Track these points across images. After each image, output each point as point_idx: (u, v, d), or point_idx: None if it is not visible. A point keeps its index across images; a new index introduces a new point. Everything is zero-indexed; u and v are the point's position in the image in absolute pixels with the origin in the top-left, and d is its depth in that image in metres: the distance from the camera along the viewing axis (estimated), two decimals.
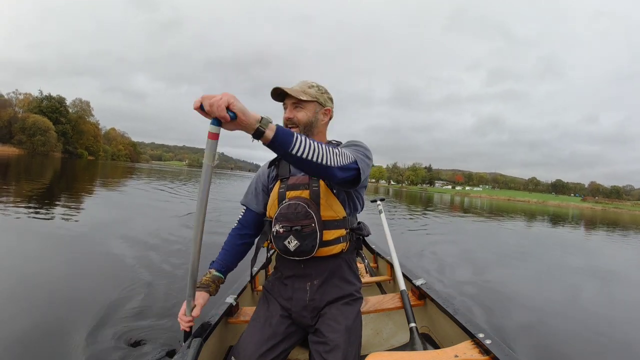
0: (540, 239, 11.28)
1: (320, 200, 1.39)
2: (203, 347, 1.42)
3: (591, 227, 18.48)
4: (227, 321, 1.76)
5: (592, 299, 4.46)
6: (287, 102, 1.47)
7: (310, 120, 1.47)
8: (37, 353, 2.16)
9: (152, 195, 13.16)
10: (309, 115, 1.47)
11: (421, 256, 6.04)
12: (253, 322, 1.47)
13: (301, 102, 1.44)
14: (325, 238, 1.38)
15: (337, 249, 1.42)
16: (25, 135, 66.76)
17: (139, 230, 5.94)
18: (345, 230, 1.44)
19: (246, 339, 1.39)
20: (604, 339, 3.11)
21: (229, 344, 1.77)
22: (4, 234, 5.04)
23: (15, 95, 79.18)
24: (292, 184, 1.45)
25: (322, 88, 1.52)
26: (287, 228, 1.35)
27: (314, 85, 1.50)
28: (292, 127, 1.45)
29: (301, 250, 1.35)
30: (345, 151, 1.23)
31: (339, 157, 1.18)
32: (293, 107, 1.45)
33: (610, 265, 7.21)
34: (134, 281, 3.42)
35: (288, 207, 1.37)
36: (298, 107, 1.45)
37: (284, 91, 1.42)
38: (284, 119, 1.47)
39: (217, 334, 1.62)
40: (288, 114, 1.46)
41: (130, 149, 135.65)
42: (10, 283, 3.21)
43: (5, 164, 24.50)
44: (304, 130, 1.47)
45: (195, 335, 1.45)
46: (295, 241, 1.34)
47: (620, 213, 68.43)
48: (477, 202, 51.96)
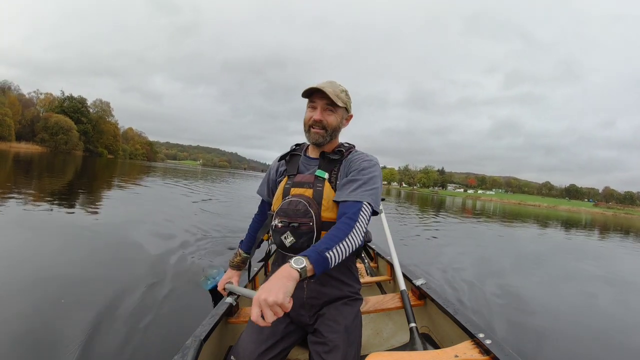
0: (545, 242, 11.34)
1: (322, 201, 1.38)
2: (203, 347, 1.43)
3: (598, 232, 18.72)
4: (227, 321, 1.78)
5: (600, 304, 4.52)
6: (318, 103, 1.43)
7: (338, 125, 1.48)
8: (40, 344, 2.23)
9: (173, 189, 15.11)
10: (338, 120, 1.46)
11: (427, 254, 6.35)
12: (252, 322, 1.47)
13: (334, 105, 1.42)
14: None
15: None
16: (48, 133, 69.12)
17: (157, 224, 6.38)
18: None
19: (245, 338, 1.39)
20: (618, 344, 3.19)
21: (229, 343, 1.77)
22: (36, 229, 5.18)
23: (36, 94, 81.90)
24: (297, 182, 1.46)
25: (349, 93, 1.51)
26: (285, 223, 1.36)
27: (344, 90, 1.48)
28: (318, 130, 1.44)
29: (296, 248, 1.34)
30: (364, 209, 1.30)
31: (360, 228, 1.25)
32: (324, 109, 1.43)
33: (613, 269, 7.33)
34: (138, 279, 3.49)
35: (289, 203, 1.38)
36: (330, 110, 1.43)
37: (322, 91, 1.39)
38: (312, 120, 1.43)
39: (217, 334, 1.63)
40: (319, 115, 1.42)
41: (147, 148, 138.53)
42: (27, 276, 3.31)
43: (29, 161, 25.69)
44: (331, 134, 1.46)
45: (195, 335, 1.46)
46: (291, 237, 1.35)
47: (630, 219, 68.06)
48: (486, 205, 52.06)
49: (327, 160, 1.48)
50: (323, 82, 1.45)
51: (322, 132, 1.44)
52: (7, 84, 69.87)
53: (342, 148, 1.51)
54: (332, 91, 1.40)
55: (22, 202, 7.15)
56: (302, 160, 1.56)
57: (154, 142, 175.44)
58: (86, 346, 2.23)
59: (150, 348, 2.32)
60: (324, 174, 1.44)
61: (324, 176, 1.43)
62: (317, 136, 1.44)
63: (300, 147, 1.65)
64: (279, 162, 1.66)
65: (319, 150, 1.52)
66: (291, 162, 1.57)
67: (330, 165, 1.47)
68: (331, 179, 1.44)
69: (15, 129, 62.95)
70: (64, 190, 10.57)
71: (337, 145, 1.55)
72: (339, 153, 1.49)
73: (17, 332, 2.34)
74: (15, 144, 61.48)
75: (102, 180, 17.00)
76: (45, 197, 8.35)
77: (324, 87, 1.38)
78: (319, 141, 1.46)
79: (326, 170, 1.45)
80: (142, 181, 18.60)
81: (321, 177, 1.43)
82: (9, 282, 3.12)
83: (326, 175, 1.44)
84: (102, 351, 2.21)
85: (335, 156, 1.47)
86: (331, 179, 1.44)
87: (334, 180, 1.44)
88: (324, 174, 1.44)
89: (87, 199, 9.30)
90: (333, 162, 1.48)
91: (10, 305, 2.70)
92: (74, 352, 2.16)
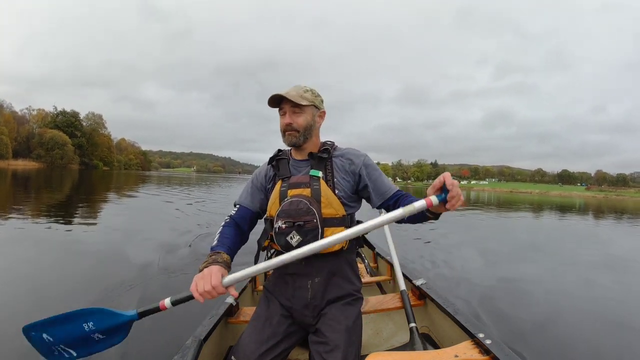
0: (535, 228, 11.83)
1: (321, 198, 1.40)
2: (203, 347, 1.43)
3: (588, 214, 19.54)
4: (227, 321, 1.78)
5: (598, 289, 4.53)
6: (285, 108, 1.47)
7: (310, 124, 1.49)
8: None
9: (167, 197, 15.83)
10: (308, 119, 1.48)
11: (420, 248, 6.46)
12: (253, 322, 1.46)
13: (300, 106, 1.45)
14: (326, 235, 1.36)
15: (338, 246, 1.42)
16: (44, 149, 70.07)
17: (156, 228, 6.65)
18: (345, 227, 1.42)
19: (246, 338, 1.39)
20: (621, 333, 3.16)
21: (229, 344, 1.77)
22: (35, 242, 5.28)
23: (28, 111, 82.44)
24: (293, 183, 1.47)
25: (315, 91, 1.53)
26: (289, 224, 1.37)
27: (308, 90, 1.50)
28: (292, 132, 1.47)
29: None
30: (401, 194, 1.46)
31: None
32: (292, 113, 1.46)
33: (603, 249, 7.64)
34: (138, 279, 3.56)
35: (290, 203, 1.39)
36: (297, 112, 1.46)
37: (283, 97, 1.43)
38: (284, 125, 1.47)
39: (217, 334, 1.63)
40: (287, 119, 1.45)
41: (141, 157, 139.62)
42: (27, 287, 3.36)
43: (27, 178, 26.31)
44: (304, 134, 1.49)
45: (195, 335, 1.46)
46: (298, 236, 1.35)
47: (622, 200, 69.39)
48: (479, 195, 52.07)
49: (317, 160, 1.50)
50: (288, 88, 1.49)
51: (295, 134, 1.47)
52: (0, 102, 70.29)
53: (327, 147, 1.56)
54: (295, 94, 1.44)
55: (23, 219, 7.37)
56: (291, 163, 1.57)
57: (147, 151, 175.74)
58: None
59: (150, 348, 2.33)
60: (319, 173, 1.46)
61: (319, 175, 1.46)
62: (290, 137, 1.48)
63: (283, 152, 1.66)
64: (266, 168, 1.65)
65: (303, 152, 1.55)
66: (280, 167, 1.57)
67: (322, 164, 1.50)
68: (327, 177, 1.47)
69: (11, 147, 63.72)
70: (63, 204, 11.09)
71: (322, 144, 1.58)
72: (325, 152, 1.53)
73: (17, 335, 2.27)
74: (13, 161, 62.40)
75: (101, 192, 17.77)
76: (46, 213, 8.67)
77: (284, 93, 1.43)
78: (293, 142, 1.49)
79: (319, 169, 1.48)
80: (140, 190, 19.49)
81: (316, 176, 1.45)
82: (9, 295, 3.17)
83: (320, 173, 1.46)
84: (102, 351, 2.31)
85: (324, 154, 1.51)
86: (327, 177, 1.47)
87: (330, 177, 1.47)
88: (318, 172, 1.46)
89: (87, 210, 9.88)
90: (323, 160, 1.51)
91: (10, 312, 2.75)
92: None
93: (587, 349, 2.77)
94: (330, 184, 1.46)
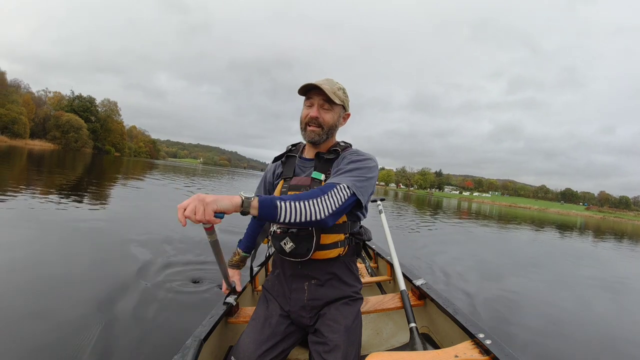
0: (516, 242, 11.80)
1: None
2: (203, 347, 1.43)
3: (572, 231, 19.73)
4: (227, 321, 1.78)
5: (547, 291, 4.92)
6: (314, 100, 1.41)
7: (335, 123, 1.45)
8: (39, 344, 2.23)
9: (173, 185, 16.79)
10: (335, 118, 1.44)
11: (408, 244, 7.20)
12: (253, 322, 1.46)
13: (331, 103, 1.40)
14: (323, 242, 1.35)
15: (335, 253, 1.40)
16: (60, 131, 71.99)
17: (160, 222, 6.58)
18: (344, 234, 1.41)
19: (246, 338, 1.38)
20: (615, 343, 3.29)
21: (229, 344, 1.77)
22: (52, 226, 5.29)
23: (45, 93, 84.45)
24: (294, 185, 1.43)
25: (346, 91, 1.48)
26: (283, 229, 1.34)
27: (341, 88, 1.45)
28: (315, 128, 1.42)
29: (296, 253, 1.34)
30: (339, 188, 1.24)
31: (329, 202, 1.19)
32: (321, 107, 1.41)
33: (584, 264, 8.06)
34: (138, 277, 3.52)
35: None
36: (326, 108, 1.41)
37: (318, 87, 1.37)
38: (308, 117, 1.41)
39: (217, 334, 1.64)
40: (315, 112, 1.40)
41: (150, 146, 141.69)
42: (30, 274, 3.33)
43: (45, 157, 27.09)
44: (327, 132, 1.44)
45: (195, 335, 1.46)
46: (291, 243, 1.32)
47: (619, 222, 68.39)
48: (477, 207, 52.68)
49: (322, 161, 1.46)
50: (321, 80, 1.41)
51: (318, 130, 1.42)
52: (17, 82, 72.08)
53: (337, 147, 1.49)
54: (329, 88, 1.38)
55: (41, 198, 7.54)
56: (297, 162, 1.53)
57: (155, 140, 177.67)
58: (86, 346, 2.25)
59: (150, 348, 2.32)
60: (321, 176, 1.41)
61: (321, 178, 1.40)
62: (313, 134, 1.42)
63: (296, 147, 1.62)
64: (275, 164, 1.63)
65: (314, 150, 1.50)
66: (287, 164, 1.54)
67: (326, 166, 1.44)
68: (327, 179, 1.40)
69: (29, 127, 65.73)
70: (80, 186, 11.29)
71: (334, 144, 1.52)
72: (334, 152, 1.47)
73: (19, 330, 2.36)
74: (30, 141, 64.44)
75: (113, 177, 18.23)
76: (66, 193, 8.93)
77: (320, 84, 1.37)
78: (314, 139, 1.44)
79: (322, 172, 1.43)
80: (148, 178, 20.15)
81: (317, 179, 1.41)
82: (13, 280, 3.19)
83: (322, 176, 1.41)
84: (102, 351, 2.22)
85: (330, 156, 1.46)
86: (327, 179, 1.40)
87: None
88: (321, 175, 1.41)
89: (99, 195, 9.96)
90: (329, 162, 1.45)
91: (13, 303, 2.75)
92: (74, 352, 2.17)
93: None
94: None
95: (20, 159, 21.66)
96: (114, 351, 2.24)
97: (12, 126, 60.56)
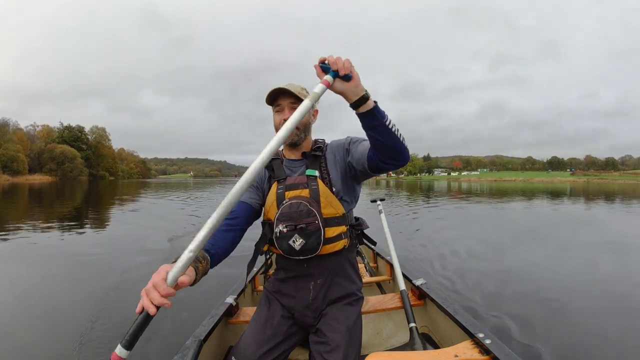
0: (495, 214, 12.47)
1: (320, 198, 1.38)
2: (203, 347, 1.43)
3: (552, 199, 19.99)
4: (227, 321, 1.79)
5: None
6: (282, 103, 1.43)
7: (308, 120, 1.49)
8: (38, 342, 2.33)
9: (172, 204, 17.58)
10: (306, 116, 1.39)
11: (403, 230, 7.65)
12: (254, 322, 1.46)
13: (300, 102, 1.28)
14: (328, 235, 1.37)
15: (340, 246, 1.42)
16: (55, 163, 74.26)
17: (159, 232, 6.80)
18: (346, 226, 1.44)
19: (247, 339, 1.39)
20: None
21: (229, 344, 1.78)
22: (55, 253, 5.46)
23: (33, 127, 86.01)
24: (290, 184, 1.43)
25: (308, 90, 1.47)
26: (291, 227, 1.33)
27: (303, 88, 1.47)
28: None
29: (307, 249, 1.33)
30: None
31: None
32: (291, 109, 1.41)
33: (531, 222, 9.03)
34: (139, 280, 3.54)
35: (290, 206, 1.35)
36: (296, 108, 1.24)
37: (280, 93, 1.40)
38: (282, 121, 1.38)
39: (217, 334, 1.64)
40: (287, 114, 1.39)
41: (141, 166, 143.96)
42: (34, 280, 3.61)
43: (45, 191, 27.83)
44: (304, 130, 1.48)
45: (195, 336, 1.46)
46: (301, 239, 1.33)
47: (602, 183, 71.52)
48: (463, 185, 54.05)
49: (312, 159, 1.49)
50: (283, 85, 1.43)
51: (295, 131, 1.43)
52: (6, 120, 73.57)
53: (319, 144, 1.54)
54: (294, 89, 1.41)
55: (44, 229, 7.83)
56: (285, 163, 1.53)
57: (144, 159, 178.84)
58: (86, 346, 2.27)
59: (150, 348, 2.33)
60: (315, 172, 1.44)
61: (316, 174, 1.43)
62: (292, 136, 1.43)
63: (277, 152, 1.50)
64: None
65: (297, 151, 1.53)
66: (276, 168, 1.51)
67: (317, 163, 1.48)
68: (323, 176, 1.44)
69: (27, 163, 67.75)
70: (81, 214, 12.00)
71: (314, 142, 1.56)
72: (319, 150, 1.51)
73: (22, 329, 2.47)
74: (30, 176, 66.70)
75: (114, 200, 19.32)
76: (67, 222, 9.44)
77: (286, 87, 1.40)
78: (294, 140, 1.47)
79: (315, 169, 1.45)
80: (146, 197, 21.24)
81: (313, 176, 1.43)
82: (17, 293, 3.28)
83: (317, 172, 1.44)
84: (102, 351, 2.24)
85: (317, 153, 1.49)
86: (323, 176, 1.44)
87: (326, 175, 1.45)
88: (315, 172, 1.44)
89: (104, 219, 10.80)
90: (317, 158, 1.49)
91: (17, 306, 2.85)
92: (74, 352, 2.21)
93: (593, 330, 2.85)
94: (327, 183, 1.44)
95: (22, 195, 22.44)
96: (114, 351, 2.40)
97: (11, 164, 62.99)
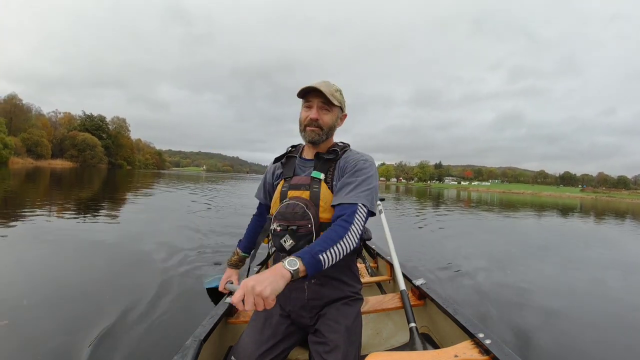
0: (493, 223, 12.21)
1: (320, 202, 1.38)
2: (203, 347, 1.43)
3: (557, 214, 19.21)
4: (227, 321, 1.78)
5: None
6: (313, 101, 1.43)
7: (334, 124, 1.48)
8: (38, 344, 2.28)
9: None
10: (333, 119, 1.46)
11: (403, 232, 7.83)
12: (253, 322, 1.46)
13: (330, 104, 1.42)
14: None
15: None
16: (76, 150, 77.26)
17: (163, 229, 6.65)
18: None
19: (246, 339, 1.39)
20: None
21: (229, 344, 1.77)
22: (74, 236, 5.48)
23: (55, 114, 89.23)
24: (294, 184, 1.46)
25: (342, 92, 1.51)
26: (283, 227, 1.35)
27: (338, 90, 1.48)
28: (315, 129, 1.44)
29: (296, 250, 1.27)
30: (360, 211, 1.29)
31: (356, 229, 1.25)
32: (320, 108, 1.43)
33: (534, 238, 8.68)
34: (142, 282, 3.53)
35: (287, 206, 1.37)
36: (325, 109, 1.43)
37: (317, 90, 1.40)
38: (308, 118, 1.43)
39: (217, 334, 1.64)
40: (315, 114, 1.42)
41: (156, 157, 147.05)
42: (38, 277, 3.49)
43: (67, 176, 28.63)
44: (327, 132, 1.47)
45: (195, 336, 1.46)
46: (291, 240, 1.33)
47: (610, 201, 70.90)
48: (475, 195, 53.29)
49: (322, 161, 1.48)
50: (318, 82, 1.45)
51: (317, 130, 1.44)
52: (29, 105, 76.22)
53: (336, 148, 1.52)
54: (327, 90, 1.41)
55: (65, 212, 7.94)
56: (297, 162, 1.56)
57: (160, 151, 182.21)
58: (87, 346, 2.26)
59: (150, 348, 2.33)
60: (320, 175, 1.44)
61: (320, 177, 1.43)
62: (312, 134, 1.45)
63: (296, 148, 1.64)
64: (274, 165, 1.66)
65: (314, 150, 1.53)
66: (287, 165, 1.57)
67: (326, 166, 1.47)
68: (327, 179, 1.44)
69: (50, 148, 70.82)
70: (99, 198, 12.09)
71: (332, 145, 1.55)
72: (333, 153, 1.50)
73: (24, 329, 2.44)
74: (52, 161, 69.70)
75: (129, 188, 19.44)
76: (88, 206, 9.42)
77: (319, 86, 1.40)
78: (314, 139, 1.47)
79: (322, 171, 1.45)
80: (159, 187, 21.33)
81: (317, 178, 1.43)
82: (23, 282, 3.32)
83: (322, 175, 1.44)
84: (102, 351, 2.23)
85: (330, 156, 1.48)
86: (327, 179, 1.44)
87: (330, 180, 1.44)
88: (320, 174, 1.44)
89: (127, 204, 10.89)
90: (328, 162, 1.48)
91: (20, 303, 2.85)
92: (74, 352, 2.20)
93: (595, 342, 2.80)
94: (330, 187, 1.43)
95: (44, 179, 22.82)
96: (114, 351, 2.24)
97: (36, 148, 65.94)
